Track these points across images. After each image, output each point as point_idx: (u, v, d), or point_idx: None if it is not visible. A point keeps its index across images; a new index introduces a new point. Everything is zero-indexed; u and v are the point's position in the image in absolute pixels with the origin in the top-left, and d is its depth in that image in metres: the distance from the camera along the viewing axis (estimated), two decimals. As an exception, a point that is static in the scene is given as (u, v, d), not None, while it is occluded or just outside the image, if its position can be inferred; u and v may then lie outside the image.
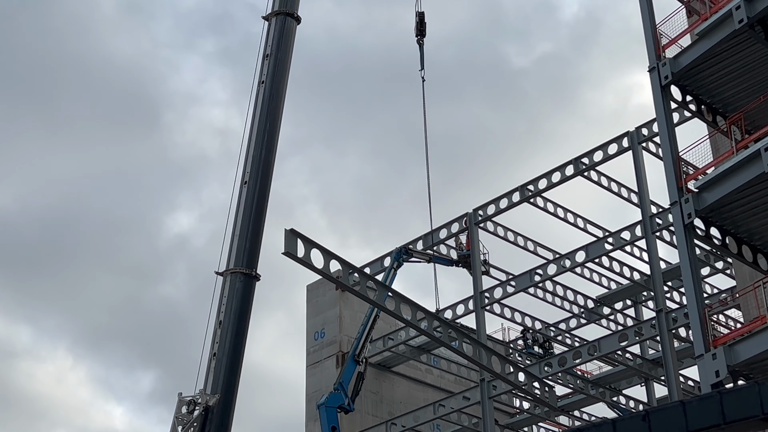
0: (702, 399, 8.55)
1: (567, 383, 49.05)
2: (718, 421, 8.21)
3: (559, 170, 46.99)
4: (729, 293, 46.29)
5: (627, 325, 51.24)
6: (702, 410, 8.46)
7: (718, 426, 8.16)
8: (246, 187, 39.91)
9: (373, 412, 51.84)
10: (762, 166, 28.56)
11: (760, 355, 27.91)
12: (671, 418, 8.44)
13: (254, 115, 41.61)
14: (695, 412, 8.50)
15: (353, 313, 52.75)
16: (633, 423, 8.64)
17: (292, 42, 43.43)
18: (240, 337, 37.67)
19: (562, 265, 47.20)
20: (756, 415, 7.96)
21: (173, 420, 36.03)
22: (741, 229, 31.28)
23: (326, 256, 34.30)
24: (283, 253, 32.85)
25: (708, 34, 31.53)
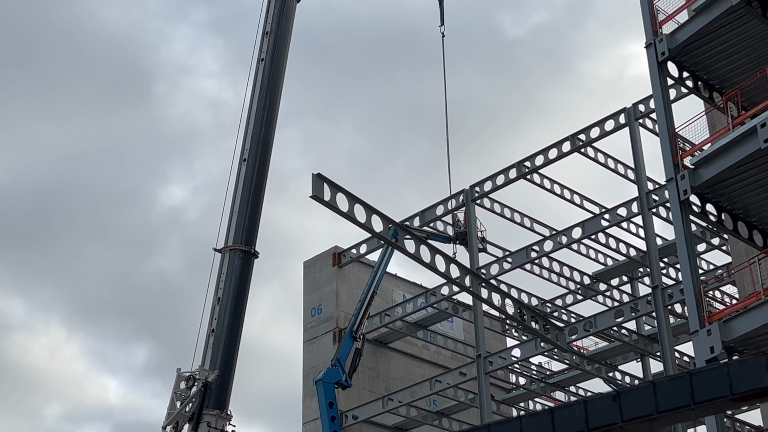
0: (672, 379, 8.66)
1: (563, 359, 49.28)
2: (688, 402, 8.31)
3: (556, 147, 47.06)
4: (724, 269, 46.45)
5: (623, 301, 51.42)
6: (672, 391, 8.56)
7: (687, 406, 8.27)
8: (245, 164, 39.99)
9: (370, 387, 52.08)
10: (758, 143, 28.61)
11: (754, 330, 28.05)
12: (641, 398, 8.55)
13: (254, 92, 41.64)
14: (665, 392, 8.61)
15: (350, 290, 52.90)
16: (603, 403, 8.74)
17: (292, 20, 43.44)
18: (238, 313, 37.87)
19: (559, 241, 47.33)
20: (725, 395, 8.06)
21: (172, 395, 36.26)
22: (737, 205, 31.36)
23: (351, 201, 35.04)
24: (311, 196, 33.76)
25: (705, 10, 31.51)
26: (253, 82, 42.03)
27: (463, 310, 51.32)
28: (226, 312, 37.62)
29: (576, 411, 8.68)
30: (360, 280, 52.31)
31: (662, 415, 8.35)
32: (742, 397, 8.12)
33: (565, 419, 8.82)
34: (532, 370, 54.44)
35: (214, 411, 35.90)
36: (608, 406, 8.63)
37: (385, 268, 44.98)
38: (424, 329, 54.00)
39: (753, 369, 8.16)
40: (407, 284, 56.61)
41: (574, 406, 8.64)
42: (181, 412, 35.79)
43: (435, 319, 53.59)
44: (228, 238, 39.00)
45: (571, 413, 8.80)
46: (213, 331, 37.39)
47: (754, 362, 8.09)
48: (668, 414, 8.35)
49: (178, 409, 35.86)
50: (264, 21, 43.32)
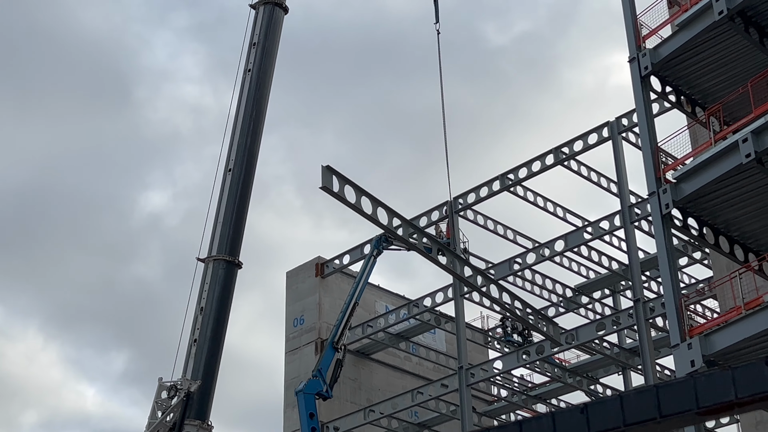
0: (639, 392, 8.74)
1: (545, 371, 49.36)
2: (655, 415, 8.38)
3: (539, 159, 47.21)
4: (706, 283, 46.62)
5: (605, 314, 51.56)
6: (639, 403, 8.62)
7: (654, 419, 8.33)
8: (230, 174, 39.98)
9: (351, 399, 52.03)
10: (740, 158, 28.75)
11: (735, 345, 28.12)
12: (609, 411, 8.61)
13: (240, 102, 41.65)
14: (632, 405, 8.67)
15: (332, 300, 52.87)
16: (571, 415, 8.80)
17: (279, 32, 43.47)
18: (221, 324, 37.84)
19: (541, 254, 47.45)
20: (691, 409, 8.13)
21: (153, 404, 36.18)
22: (718, 219, 31.48)
23: (358, 193, 35.80)
24: (321, 187, 34.59)
25: (688, 25, 31.66)
26: (240, 92, 42.03)
27: (446, 322, 51.35)
28: (209, 322, 37.57)
29: (544, 423, 8.71)
30: (343, 290, 52.28)
31: (629, 428, 8.40)
32: (708, 411, 8.18)
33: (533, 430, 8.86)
34: (513, 382, 54.49)
35: (196, 421, 35.84)
36: (576, 419, 8.68)
37: (368, 279, 44.89)
38: (406, 340, 54.01)
39: (719, 383, 8.22)
40: (390, 295, 56.61)
41: (543, 419, 8.68)
42: (162, 422, 35.70)
43: (417, 330, 53.60)
44: (212, 248, 38.97)
45: (540, 425, 8.84)
46: (195, 341, 37.32)
47: (720, 376, 8.15)
48: (635, 427, 8.39)
49: (159, 418, 35.77)
50: (251, 32, 43.33)
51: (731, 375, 8.05)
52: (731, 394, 8.09)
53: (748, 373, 8.11)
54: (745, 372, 8.14)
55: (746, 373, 8.10)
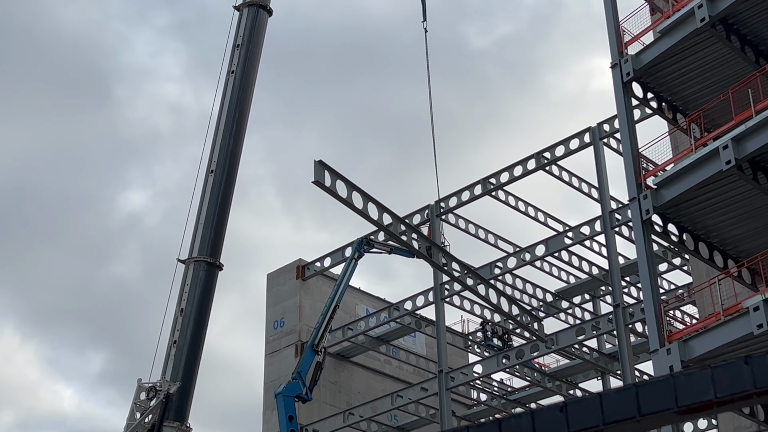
0: (618, 391, 8.79)
1: (524, 376, 49.46)
2: (634, 414, 8.42)
3: (521, 164, 47.33)
4: (685, 289, 46.83)
5: (585, 319, 51.69)
6: (618, 402, 8.67)
7: (633, 418, 8.37)
8: (212, 175, 39.92)
9: (331, 401, 51.99)
10: (720, 164, 28.91)
11: (714, 350, 28.25)
12: (588, 409, 8.65)
13: (222, 103, 41.58)
14: (612, 404, 8.71)
15: (313, 303, 52.83)
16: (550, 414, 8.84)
17: (263, 34, 43.41)
18: (201, 325, 37.76)
19: (522, 258, 47.56)
20: (670, 408, 8.19)
21: (132, 406, 36.06)
22: (698, 226, 31.64)
23: (349, 188, 36.14)
24: (313, 182, 34.86)
25: (670, 31, 31.83)
26: (222, 93, 41.96)
27: (426, 325, 51.38)
28: (189, 324, 37.49)
29: (523, 421, 8.74)
30: (323, 293, 52.24)
31: (608, 427, 8.44)
32: (687, 410, 8.23)
33: (512, 429, 8.89)
34: (493, 386, 54.58)
35: (175, 423, 35.74)
36: (555, 417, 8.71)
37: (348, 282, 44.87)
38: (386, 344, 54.02)
39: (698, 382, 8.27)
40: (370, 298, 56.61)
41: (522, 417, 8.71)
42: (141, 423, 35.59)
43: (398, 333, 53.62)
44: (192, 250, 38.88)
45: (519, 424, 8.86)
46: (175, 342, 37.22)
47: (699, 375, 8.20)
48: (614, 425, 8.43)
49: (137, 420, 35.66)
50: (235, 33, 43.25)
51: (710, 374, 8.10)
52: (710, 394, 8.14)
53: (728, 372, 8.16)
54: (724, 371, 8.20)
55: (726, 373, 8.16)
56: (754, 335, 27.23)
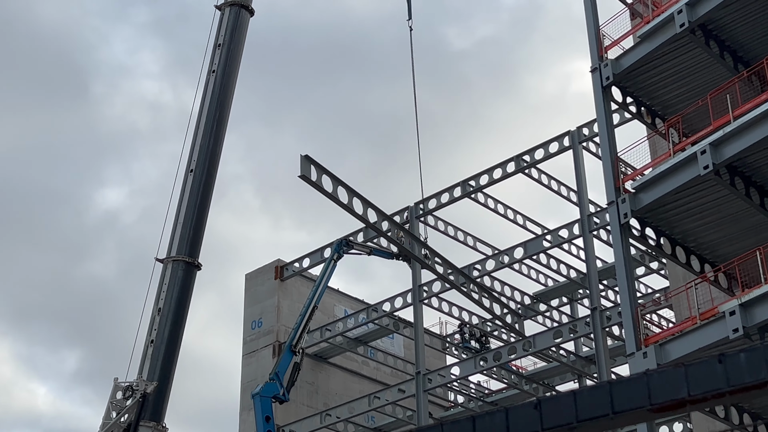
0: (593, 389, 8.86)
1: (501, 378, 49.56)
2: (607, 411, 8.50)
3: (501, 167, 47.45)
4: (662, 293, 47.04)
5: (562, 322, 51.85)
6: (592, 400, 8.73)
7: (606, 416, 8.45)
8: (192, 175, 39.84)
9: (308, 402, 51.94)
10: (698, 169, 29.07)
11: (690, 354, 28.39)
12: (562, 407, 8.71)
13: (203, 103, 41.51)
14: (585, 401, 8.78)
15: (291, 303, 52.78)
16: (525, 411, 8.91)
17: (245, 33, 43.37)
18: (178, 325, 37.70)
19: (501, 261, 47.67)
20: (644, 405, 8.27)
21: (108, 405, 35.95)
22: (675, 230, 31.80)
23: (335, 183, 36.68)
24: (299, 176, 35.46)
25: (650, 37, 31.98)
26: (203, 93, 41.89)
27: (404, 327, 51.41)
28: (167, 323, 37.40)
29: (497, 419, 8.79)
30: (302, 294, 52.21)
31: (582, 424, 8.49)
32: (660, 408, 8.29)
33: (487, 426, 8.93)
34: (470, 388, 54.65)
35: (151, 423, 35.65)
36: (530, 414, 8.76)
37: (327, 283, 44.86)
38: (364, 345, 54.00)
39: (672, 380, 8.34)
40: (349, 299, 56.60)
41: (496, 414, 8.76)
42: (117, 423, 35.48)
43: (376, 335, 53.63)
44: (171, 249, 38.79)
45: (493, 421, 8.91)
46: (152, 341, 37.12)
47: (673, 373, 8.27)
48: (587, 423, 8.49)
49: (113, 419, 35.55)
50: (216, 33, 43.19)
51: (684, 372, 8.17)
52: (684, 391, 8.21)
53: (701, 370, 8.23)
54: (697, 369, 8.27)
55: (699, 371, 8.23)
56: (730, 339, 27.42)
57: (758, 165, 30.06)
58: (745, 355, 8.16)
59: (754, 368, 7.97)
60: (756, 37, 32.08)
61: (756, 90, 30.73)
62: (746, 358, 8.12)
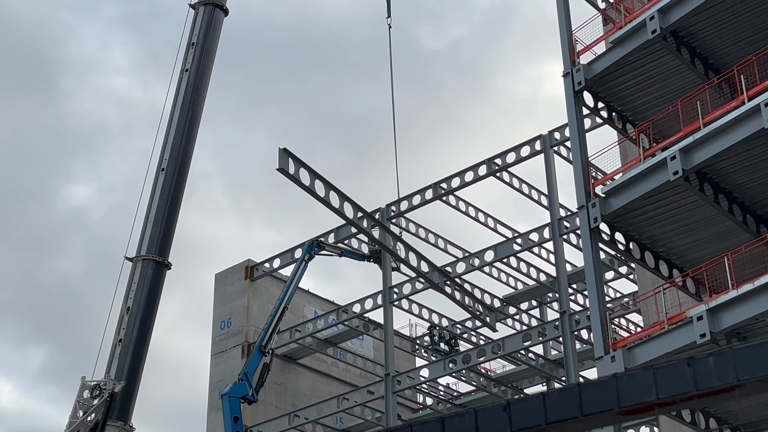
0: (561, 391, 8.92)
1: (470, 381, 49.67)
2: (576, 414, 8.56)
3: (472, 170, 47.57)
4: (630, 298, 47.32)
5: (531, 325, 52.02)
6: (561, 402, 8.79)
7: (575, 418, 8.51)
8: (163, 174, 39.68)
9: (276, 403, 51.85)
10: (667, 175, 29.27)
11: (657, 359, 28.61)
12: (531, 408, 8.77)
13: (175, 102, 41.35)
14: (555, 403, 8.84)
15: (261, 304, 52.67)
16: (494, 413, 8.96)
17: (218, 34, 43.25)
18: (147, 325, 37.53)
19: (471, 263, 47.78)
20: (612, 408, 8.35)
21: (75, 404, 35.73)
22: (645, 235, 31.99)
23: (312, 176, 36.92)
24: (277, 169, 35.61)
25: (622, 42, 32.18)
26: (175, 92, 41.73)
27: (374, 329, 51.44)
28: (135, 323, 37.22)
29: (467, 420, 8.81)
30: (272, 294, 52.12)
31: (550, 426, 8.54)
32: (629, 411, 8.36)
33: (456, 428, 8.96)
34: (439, 390, 54.74)
35: (118, 422, 35.45)
36: (499, 416, 8.80)
37: (298, 284, 44.85)
38: (334, 346, 53.97)
39: (641, 383, 8.40)
40: (319, 300, 56.55)
41: (465, 416, 8.79)
42: (84, 422, 35.27)
43: (345, 336, 53.62)
44: (141, 248, 38.61)
45: (462, 422, 8.93)
46: (120, 341, 36.93)
47: (642, 377, 8.32)
48: (557, 425, 8.54)
49: (80, 418, 35.34)
50: (190, 31, 43.03)
51: (653, 375, 8.24)
52: (653, 395, 8.27)
53: (670, 373, 8.29)
54: (666, 373, 8.33)
55: (668, 374, 8.29)
56: (697, 344, 27.62)
57: (727, 171, 30.31)
58: (714, 359, 8.23)
59: (723, 372, 8.04)
60: (726, 44, 32.35)
61: (726, 97, 31.00)
62: (715, 362, 8.19)
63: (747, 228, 31.26)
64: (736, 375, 7.94)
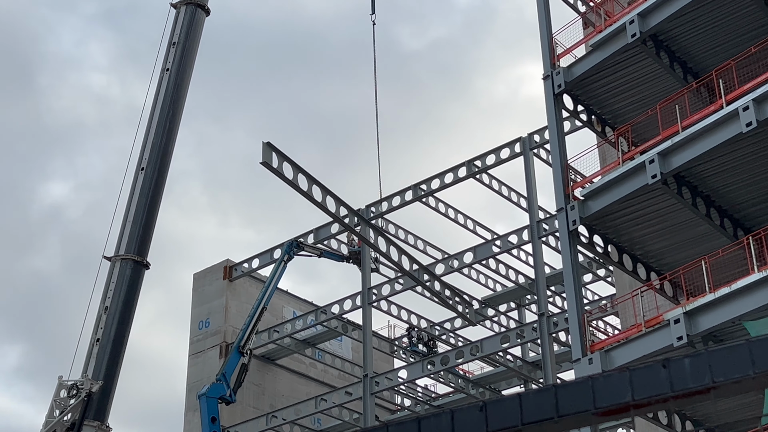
0: (538, 392, 8.98)
1: (448, 382, 49.74)
2: (552, 415, 8.61)
3: (452, 171, 47.65)
4: (608, 300, 47.49)
5: (510, 327, 52.13)
6: (537, 403, 8.85)
7: (551, 419, 8.56)
8: (143, 173, 39.57)
9: (254, 404, 51.78)
10: (646, 178, 29.40)
11: (634, 361, 28.71)
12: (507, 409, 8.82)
13: (156, 101, 41.24)
14: (531, 404, 8.89)
15: (240, 304, 52.59)
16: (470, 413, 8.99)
17: (200, 33, 43.17)
18: (125, 324, 37.44)
19: (450, 265, 47.84)
20: (588, 409, 8.41)
21: (51, 403, 35.59)
22: (623, 238, 32.12)
23: (295, 170, 36.93)
24: (261, 162, 35.59)
25: (601, 46, 32.30)
26: (156, 91, 41.61)
27: (353, 330, 51.44)
28: (113, 323, 37.12)
29: (443, 420, 8.83)
30: (250, 294, 52.06)
31: (526, 427, 8.58)
32: (605, 412, 8.41)
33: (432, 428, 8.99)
34: (417, 392, 54.78)
35: (95, 422, 35.35)
36: (475, 417, 8.82)
37: (277, 284, 44.82)
38: (312, 347, 53.94)
39: (616, 384, 8.45)
40: (298, 301, 56.51)
41: (441, 416, 8.82)
42: (60, 422, 35.13)
43: (324, 337, 53.59)
44: (119, 247, 38.49)
45: (438, 423, 8.96)
46: (98, 340, 36.81)
47: (618, 378, 8.38)
48: (532, 426, 8.58)
49: (57, 417, 35.19)
50: (171, 31, 42.92)
51: (629, 377, 8.29)
52: (628, 396, 8.32)
53: (645, 375, 8.35)
54: (642, 374, 8.38)
55: (643, 375, 8.34)
56: (674, 347, 27.75)
57: (705, 175, 30.47)
58: (690, 360, 8.28)
59: (698, 374, 8.10)
60: (705, 49, 32.52)
61: (704, 101, 31.16)
62: (690, 363, 8.24)
63: (724, 232, 31.43)
64: (711, 377, 8.02)
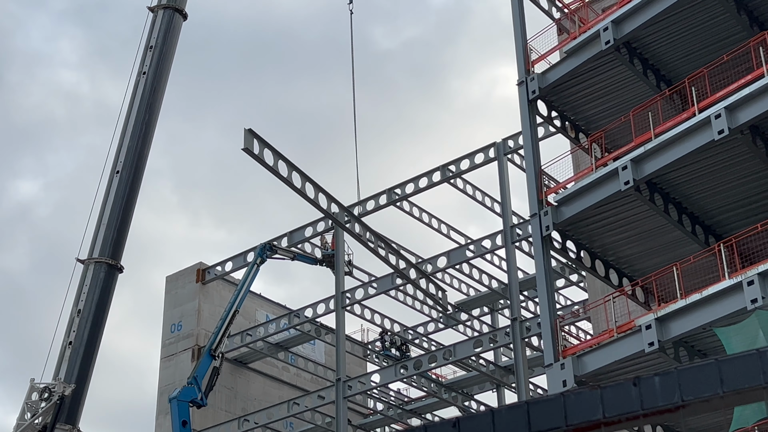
0: (510, 408, 9.03)
1: (421, 386, 49.79)
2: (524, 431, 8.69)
3: (426, 176, 47.72)
4: (581, 305, 47.68)
5: (482, 331, 52.23)
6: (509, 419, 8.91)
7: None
8: (118, 176, 39.41)
9: (226, 407, 51.61)
10: (618, 185, 29.58)
11: (606, 366, 28.87)
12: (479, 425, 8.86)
13: (132, 104, 41.07)
14: (503, 420, 8.95)
15: (213, 308, 52.43)
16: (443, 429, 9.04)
17: (177, 38, 43.05)
18: (97, 328, 37.25)
19: (424, 269, 47.87)
20: (560, 426, 8.47)
21: (23, 405, 35.36)
22: (595, 244, 32.29)
23: (276, 157, 37.91)
24: (242, 149, 36.39)
25: (576, 52, 32.48)
26: (132, 94, 41.44)
27: (326, 333, 51.37)
28: (86, 326, 36.91)
29: (416, 436, 8.90)
30: (223, 297, 51.90)
31: (497, 443, 8.65)
32: (577, 429, 8.47)
33: (403, 444, 9.05)
34: (390, 396, 54.80)
35: (66, 426, 35.14)
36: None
37: (249, 287, 44.72)
38: (285, 351, 53.83)
39: (588, 402, 8.53)
40: (271, 304, 56.39)
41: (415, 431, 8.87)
42: (31, 424, 34.90)
43: (297, 341, 53.50)
44: (93, 250, 38.29)
45: (410, 438, 9.03)
46: (70, 343, 36.61)
47: (589, 395, 8.45)
48: (505, 441, 8.65)
49: (28, 420, 34.97)
50: (148, 34, 42.76)
51: (600, 394, 8.36)
52: (599, 413, 8.39)
53: (616, 393, 8.42)
54: (613, 392, 8.46)
55: (614, 393, 8.42)
56: (646, 353, 27.92)
57: (677, 182, 30.69)
58: (659, 378, 8.35)
59: (668, 392, 8.17)
60: (678, 56, 32.77)
61: (677, 108, 31.40)
62: (660, 382, 8.31)
63: (696, 238, 31.65)
64: (680, 395, 8.11)
